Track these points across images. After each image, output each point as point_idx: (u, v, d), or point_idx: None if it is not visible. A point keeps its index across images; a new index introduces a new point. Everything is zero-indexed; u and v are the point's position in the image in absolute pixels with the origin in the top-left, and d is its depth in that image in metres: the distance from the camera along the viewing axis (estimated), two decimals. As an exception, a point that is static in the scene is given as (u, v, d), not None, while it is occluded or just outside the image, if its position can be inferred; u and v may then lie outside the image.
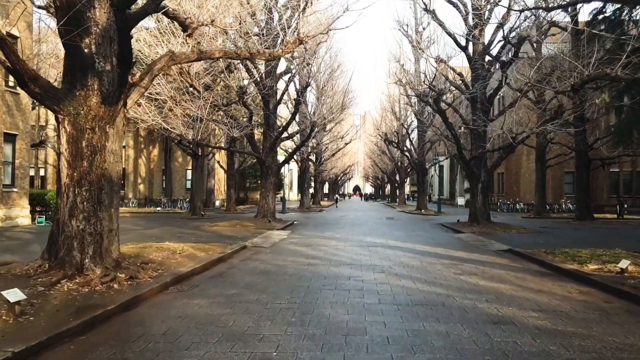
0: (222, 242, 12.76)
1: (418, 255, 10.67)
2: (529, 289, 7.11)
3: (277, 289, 6.92)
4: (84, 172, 6.97)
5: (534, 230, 17.71)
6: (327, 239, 14.25)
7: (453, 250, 11.93)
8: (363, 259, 10.12)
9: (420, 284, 7.40)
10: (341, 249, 11.83)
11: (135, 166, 40.38)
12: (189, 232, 15.93)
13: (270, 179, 21.06)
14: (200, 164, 25.99)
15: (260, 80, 19.91)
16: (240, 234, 15.40)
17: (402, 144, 37.68)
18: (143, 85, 7.65)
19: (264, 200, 21.17)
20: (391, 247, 12.24)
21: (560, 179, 38.39)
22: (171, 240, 12.64)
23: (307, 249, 11.86)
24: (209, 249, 11.05)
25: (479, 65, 18.96)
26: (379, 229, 18.38)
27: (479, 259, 10.30)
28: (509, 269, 9.08)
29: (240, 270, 8.68)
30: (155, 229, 17.25)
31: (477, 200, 19.79)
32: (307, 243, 13.21)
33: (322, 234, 16.02)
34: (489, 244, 13.43)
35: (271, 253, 11.08)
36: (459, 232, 17.62)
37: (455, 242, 14.15)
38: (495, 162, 20.10)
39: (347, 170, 76.94)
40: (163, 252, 9.99)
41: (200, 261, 9.17)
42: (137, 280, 7.11)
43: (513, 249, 11.83)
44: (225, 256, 10.22)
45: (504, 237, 14.95)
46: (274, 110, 21.09)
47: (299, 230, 17.66)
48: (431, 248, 12.24)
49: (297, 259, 9.99)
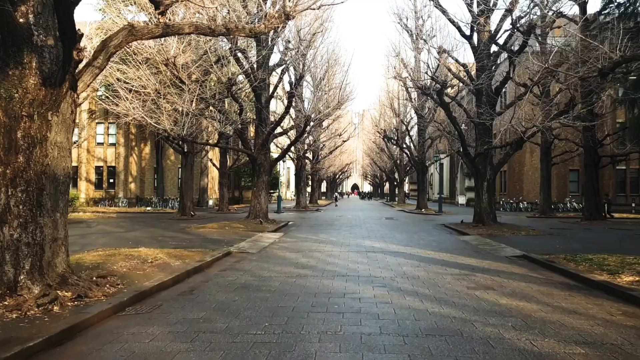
0: (204, 247, 11.50)
1: (423, 264, 9.43)
2: (560, 310, 5.88)
3: (255, 312, 5.67)
4: (19, 168, 5.70)
5: (544, 232, 16.50)
6: (321, 243, 13.00)
7: (461, 256, 10.70)
8: (361, 268, 8.86)
9: (430, 302, 6.15)
10: (336, 255, 10.58)
11: (126, 164, 39.06)
12: (172, 235, 14.67)
13: (263, 177, 19.81)
14: (190, 161, 24.71)
15: (252, 71, 18.64)
16: (228, 237, 14.14)
17: (401, 140, 36.45)
18: (97, 66, 6.37)
19: (255, 200, 19.92)
20: (392, 253, 10.99)
21: (565, 177, 37.24)
22: (149, 245, 11.39)
23: (298, 255, 10.60)
24: (187, 256, 9.80)
25: (484, 56, 17.73)
26: (378, 231, 17.14)
27: (492, 268, 9.06)
28: (530, 280, 7.84)
29: (216, 284, 7.42)
30: (137, 231, 15.99)
31: (483, 200, 18.57)
32: (299, 248, 11.95)
33: (316, 237, 14.77)
34: (499, 248, 12.20)
35: (257, 260, 9.82)
36: (464, 234, 16.40)
37: (461, 246, 12.92)
38: (501, 159, 18.87)
39: (345, 168, 75.74)
40: (132, 260, 8.73)
41: (172, 272, 7.91)
42: (87, 299, 5.86)
43: (528, 255, 10.60)
44: (203, 265, 8.96)
45: (514, 240, 13.73)
46: (266, 105, 19.83)
47: (292, 233, 16.41)
48: (436, 254, 10.99)
49: (285, 269, 8.73)
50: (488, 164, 18.65)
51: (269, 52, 18.10)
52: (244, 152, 19.54)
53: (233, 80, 16.60)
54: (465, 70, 18.11)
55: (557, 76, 17.78)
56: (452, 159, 53.61)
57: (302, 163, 35.84)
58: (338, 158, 58.93)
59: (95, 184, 39.29)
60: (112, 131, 39.20)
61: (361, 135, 75.08)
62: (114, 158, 39.12)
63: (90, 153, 39.14)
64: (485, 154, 18.37)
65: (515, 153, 23.32)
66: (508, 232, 16.11)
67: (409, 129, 36.14)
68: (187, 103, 16.41)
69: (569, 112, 15.63)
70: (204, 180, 38.72)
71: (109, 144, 39.32)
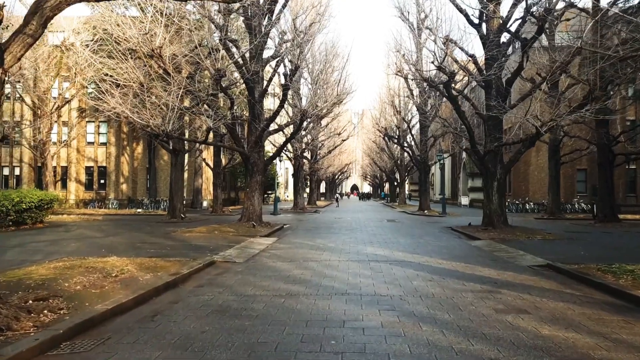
0: (186, 255, 10.16)
1: (435, 276, 8.08)
2: (624, 345, 4.54)
3: (226, 352, 4.31)
4: None
5: (560, 236, 15.16)
6: (318, 250, 11.64)
7: (477, 266, 9.35)
8: (363, 283, 7.51)
9: (454, 335, 4.80)
10: (334, 266, 9.22)
11: (118, 164, 37.67)
12: (154, 240, 13.31)
13: (256, 177, 18.45)
14: (180, 160, 23.35)
15: (244, 62, 17.29)
16: (215, 242, 12.79)
17: (402, 139, 35.11)
18: (30, 34, 5.03)
19: (248, 202, 18.56)
20: (398, 263, 9.64)
21: (572, 177, 35.92)
22: (124, 253, 10.06)
23: (291, 265, 9.24)
24: (162, 267, 8.45)
25: (493, 46, 16.41)
26: (380, 235, 15.79)
27: (517, 282, 7.71)
28: (567, 299, 6.50)
29: (186, 306, 6.07)
30: (118, 236, 14.63)
31: (493, 201, 17.24)
32: (292, 256, 10.60)
33: (313, 242, 13.42)
34: (517, 255, 10.86)
35: (242, 273, 8.46)
36: (473, 238, 15.07)
37: (474, 253, 11.57)
38: (512, 158, 17.52)
39: (344, 168, 74.45)
40: (92, 274, 7.38)
41: (137, 290, 6.56)
42: (9, 333, 4.51)
43: (553, 265, 9.26)
44: (177, 279, 7.60)
45: (531, 246, 12.39)
46: (260, 99, 18.46)
47: (287, 237, 15.06)
48: (449, 263, 9.65)
49: (273, 284, 7.38)
50: (498, 162, 17.33)
51: (263, 41, 16.75)
52: (235, 150, 18.19)
53: (222, 72, 15.25)
54: (473, 61, 16.77)
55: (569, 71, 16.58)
56: (453, 159, 52.29)
57: (300, 163, 34.49)
58: (337, 158, 57.67)
59: (85, 185, 37.89)
60: (102, 130, 37.82)
61: (361, 135, 73.85)
62: (105, 158, 37.73)
63: (80, 153, 37.75)
64: (496, 152, 17.05)
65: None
66: (522, 236, 14.78)
67: (410, 127, 34.80)
68: (172, 97, 15.08)
69: (588, 105, 14.32)
70: (198, 180, 37.34)
71: (100, 143, 37.92)
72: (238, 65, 17.05)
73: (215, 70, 15.26)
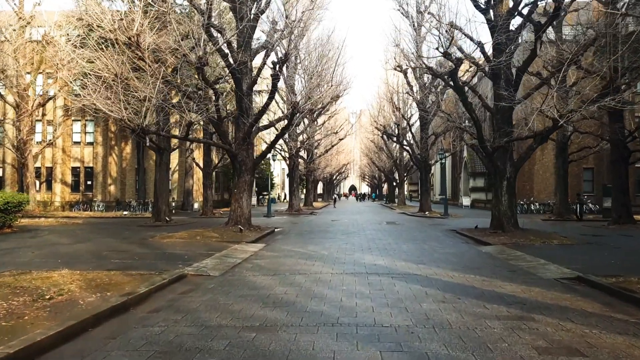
0: (154, 267, 8.67)
1: (449, 295, 6.60)
2: None
3: None
4: None
5: (579, 240, 13.71)
6: (309, 259, 10.15)
7: (495, 279, 7.88)
8: (360, 307, 6.03)
9: (489, 399, 3.32)
10: (326, 281, 7.73)
11: (105, 164, 36.13)
12: (125, 248, 11.81)
13: (245, 176, 16.97)
14: (165, 160, 21.84)
15: (230, 50, 15.83)
16: (194, 250, 11.30)
17: (402, 137, 33.66)
18: None
19: (236, 204, 17.07)
20: (402, 276, 8.16)
21: (579, 176, 34.53)
22: (83, 264, 8.61)
23: (274, 280, 7.75)
24: (117, 284, 6.96)
25: (502, 32, 14.97)
26: (380, 240, 14.32)
27: (549, 301, 6.25)
28: (623, 328, 5.03)
29: (125, 344, 4.58)
30: (88, 242, 13.13)
31: (502, 202, 15.79)
32: (278, 268, 9.12)
33: (304, 249, 11.93)
34: (537, 265, 9.40)
35: (213, 291, 6.97)
36: (483, 243, 13.63)
37: (488, 261, 10.11)
38: (524, 154, 16.10)
39: (342, 169, 72.99)
40: (19, 297, 5.89)
41: (69, 319, 5.08)
42: None
43: (585, 277, 7.80)
44: (130, 301, 6.11)
45: (549, 253, 10.94)
46: (248, 92, 16.96)
47: (277, 243, 13.58)
48: (461, 276, 8.17)
49: (247, 309, 5.90)
50: (508, 159, 15.88)
51: (251, 26, 15.28)
52: (221, 147, 16.71)
53: (204, 60, 13.75)
54: (480, 50, 15.33)
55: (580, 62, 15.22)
56: (454, 158, 50.87)
57: (295, 162, 32.98)
58: (335, 158, 56.28)
59: (71, 187, 36.30)
60: (89, 129, 36.27)
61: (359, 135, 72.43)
62: (92, 158, 36.17)
63: (65, 153, 36.17)
64: (506, 148, 15.60)
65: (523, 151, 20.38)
66: (537, 241, 13.33)
67: (410, 125, 33.35)
68: (149, 88, 13.60)
69: (610, 94, 12.89)
70: (189, 181, 35.82)
71: (87, 142, 36.36)
72: (223, 54, 15.57)
73: (196, 59, 13.77)
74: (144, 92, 13.69)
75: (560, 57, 13.74)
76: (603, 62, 14.53)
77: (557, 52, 15.59)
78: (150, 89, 13.71)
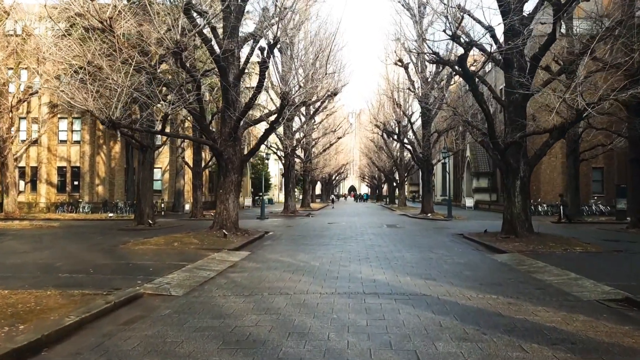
0: (107, 283, 7.13)
1: (471, 328, 5.04)
2: None
3: None
4: None
5: (606, 248, 12.14)
6: (296, 273, 8.60)
7: (523, 301, 6.33)
8: (353, 349, 4.46)
9: None
10: (312, 305, 6.17)
11: (93, 164, 34.58)
12: (87, 257, 10.25)
13: (231, 176, 15.42)
14: (149, 158, 20.26)
15: (214, 33, 14.28)
16: (163, 260, 9.75)
17: (403, 135, 32.12)
18: None
19: (222, 206, 15.52)
20: (408, 298, 6.59)
21: (588, 176, 32.95)
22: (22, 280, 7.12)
23: (247, 304, 6.19)
24: (43, 310, 5.42)
25: (515, 14, 13.42)
26: (379, 247, 12.75)
27: (604, 338, 4.69)
28: None
29: None
30: (46, 251, 11.58)
31: (515, 204, 14.24)
32: (257, 284, 7.56)
33: (292, 259, 10.37)
34: (568, 280, 7.82)
35: (164, 322, 5.41)
36: (496, 250, 12.08)
37: (508, 275, 8.55)
38: (539, 151, 14.56)
39: (341, 169, 71.47)
40: None
41: None
42: None
43: (636, 300, 6.26)
44: (43, 340, 4.55)
45: (577, 263, 9.39)
46: (235, 82, 15.41)
47: (263, 251, 12.02)
48: (481, 297, 6.62)
49: (197, 355, 4.33)
50: (522, 156, 14.34)
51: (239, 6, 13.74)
52: (204, 143, 15.19)
53: (183, 45, 12.20)
54: (491, 35, 13.78)
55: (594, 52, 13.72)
56: (455, 158, 49.27)
57: (291, 161, 31.41)
58: (334, 158, 54.78)
59: (57, 187, 34.74)
60: (76, 127, 34.69)
61: (358, 135, 70.93)
62: (79, 157, 34.63)
63: (51, 152, 34.60)
64: (519, 144, 14.06)
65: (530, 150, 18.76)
66: (557, 248, 11.78)
67: (412, 122, 31.80)
68: (121, 75, 12.06)
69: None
70: (180, 181, 34.29)
71: (73, 141, 34.80)
72: (205, 39, 14.01)
73: (174, 44, 12.22)
74: (115, 80, 12.16)
75: (572, 48, 12.31)
76: (618, 53, 13.09)
77: (568, 42, 14.16)
78: (122, 76, 12.18)
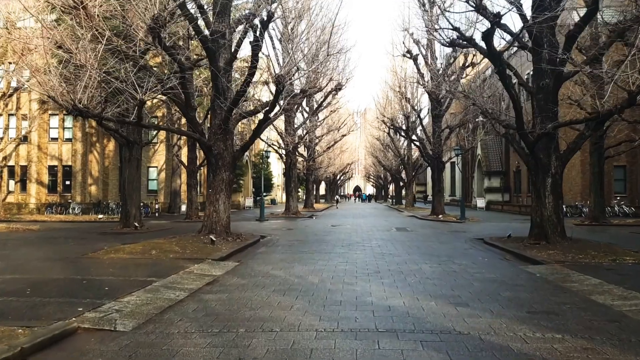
0: (34, 311, 5.38)
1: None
2: None
3: None
4: None
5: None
6: (288, 295, 6.79)
7: (600, 345, 4.49)
8: None
9: None
10: (304, 353, 4.35)
11: (85, 163, 32.96)
12: (39, 270, 8.50)
13: (222, 174, 13.66)
14: (135, 155, 18.52)
15: (200, 11, 12.54)
16: (130, 274, 7.99)
17: (411, 131, 30.25)
18: None
19: (211, 207, 13.77)
20: (439, 339, 4.76)
21: (609, 175, 30.89)
22: None
23: (211, 352, 4.38)
24: None
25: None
26: (391, 256, 10.92)
27: None
28: None
29: None
30: (2, 261, 9.85)
31: (545, 205, 12.38)
32: (233, 314, 5.75)
33: (286, 273, 8.56)
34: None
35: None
36: (527, 259, 10.25)
37: (560, 298, 6.69)
38: (572, 145, 12.73)
39: (346, 169, 69.64)
40: None
41: None
42: None
43: None
44: None
45: (635, 278, 7.54)
46: (226, 68, 13.63)
47: (254, 261, 10.23)
48: (540, 337, 4.77)
49: None
50: (553, 151, 12.47)
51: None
52: (190, 136, 13.44)
53: (161, 21, 10.45)
54: (517, 10, 11.90)
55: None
56: (464, 156, 47.16)
57: (293, 160, 29.62)
58: (338, 157, 53.01)
59: (48, 187, 33.15)
60: (68, 124, 33.06)
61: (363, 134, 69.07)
62: (71, 156, 33.00)
63: (42, 150, 33.01)
64: (551, 136, 12.21)
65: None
66: (602, 258, 9.91)
67: (421, 118, 29.90)
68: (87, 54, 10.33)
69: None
70: (177, 181, 32.60)
71: (65, 139, 33.19)
72: (190, 17, 12.25)
73: (151, 20, 10.46)
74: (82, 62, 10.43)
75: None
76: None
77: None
78: (90, 56, 10.46)
